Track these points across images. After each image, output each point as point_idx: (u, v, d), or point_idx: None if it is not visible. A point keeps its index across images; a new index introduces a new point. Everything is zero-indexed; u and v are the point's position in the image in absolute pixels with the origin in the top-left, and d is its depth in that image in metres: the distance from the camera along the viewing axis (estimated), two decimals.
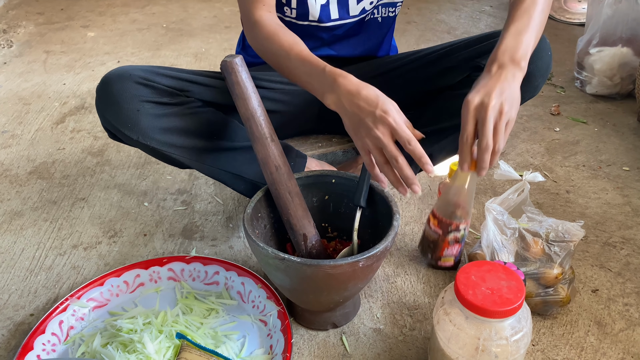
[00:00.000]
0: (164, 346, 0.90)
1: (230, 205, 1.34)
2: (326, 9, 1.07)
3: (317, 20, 1.08)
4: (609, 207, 1.32)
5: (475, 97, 0.83)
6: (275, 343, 0.94)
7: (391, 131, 0.82)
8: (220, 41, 2.41)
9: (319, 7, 1.06)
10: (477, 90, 0.84)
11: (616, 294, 1.07)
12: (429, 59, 1.14)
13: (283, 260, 0.82)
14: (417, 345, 0.97)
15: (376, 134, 0.82)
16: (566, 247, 0.97)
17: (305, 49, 0.94)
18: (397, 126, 0.81)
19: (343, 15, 1.09)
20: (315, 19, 1.08)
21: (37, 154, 1.57)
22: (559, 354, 0.95)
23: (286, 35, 0.96)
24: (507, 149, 1.57)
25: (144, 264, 1.08)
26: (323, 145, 1.30)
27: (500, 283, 0.79)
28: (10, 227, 1.28)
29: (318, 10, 1.07)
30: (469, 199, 0.97)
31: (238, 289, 1.05)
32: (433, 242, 1.03)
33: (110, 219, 1.30)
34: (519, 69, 0.85)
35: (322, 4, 1.07)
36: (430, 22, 2.59)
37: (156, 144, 0.98)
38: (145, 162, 1.52)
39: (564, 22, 2.53)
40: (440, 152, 1.15)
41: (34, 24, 2.63)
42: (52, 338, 0.95)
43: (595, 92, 1.85)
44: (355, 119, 0.85)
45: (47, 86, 1.99)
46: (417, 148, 0.82)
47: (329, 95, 0.88)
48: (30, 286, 1.11)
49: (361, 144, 0.86)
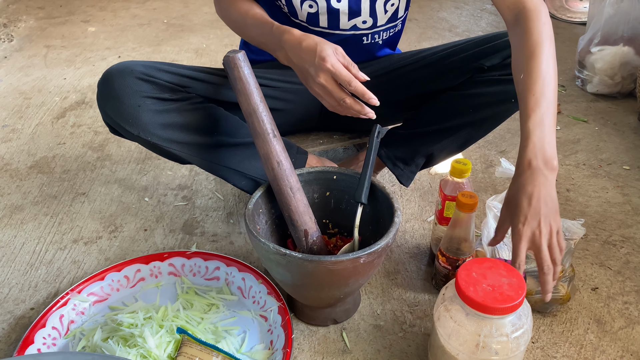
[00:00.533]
0: (165, 341, 0.90)
1: (231, 201, 1.34)
2: (314, 17, 1.05)
3: (306, 22, 1.08)
4: (609, 205, 1.32)
5: (524, 229, 0.77)
6: (275, 338, 0.94)
7: (332, 75, 0.87)
8: (221, 37, 2.41)
9: (305, 13, 1.04)
10: (522, 213, 0.78)
11: (616, 292, 1.07)
12: (431, 60, 1.13)
13: (284, 255, 0.82)
14: (417, 342, 0.97)
15: (319, 81, 0.88)
16: (566, 245, 0.97)
17: (261, 12, 1.00)
18: (336, 70, 0.86)
19: (333, 27, 1.07)
20: (304, 20, 1.07)
21: (37, 148, 1.57)
22: (559, 351, 0.95)
23: (244, 1, 1.02)
24: (508, 147, 1.57)
25: (144, 259, 1.08)
26: (324, 142, 1.30)
27: (501, 280, 0.79)
28: (11, 221, 1.28)
29: (305, 16, 1.05)
30: (471, 231, 0.98)
31: (239, 285, 1.05)
32: (445, 276, 1.04)
33: (111, 213, 1.30)
34: (553, 172, 0.81)
35: (311, 12, 1.04)
36: (432, 20, 2.59)
37: (157, 140, 0.97)
38: (146, 157, 1.52)
39: (566, 21, 2.53)
40: (442, 151, 1.16)
41: (35, 19, 2.63)
42: (52, 332, 0.95)
43: (596, 91, 1.85)
44: (302, 70, 0.91)
45: (48, 81, 1.99)
46: (358, 87, 0.87)
47: (279, 53, 0.95)
48: (30, 280, 1.11)
49: (313, 92, 0.93)
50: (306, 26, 1.08)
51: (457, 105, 1.09)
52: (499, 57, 1.04)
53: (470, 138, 1.13)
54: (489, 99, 1.05)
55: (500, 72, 1.04)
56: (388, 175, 1.41)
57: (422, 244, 1.20)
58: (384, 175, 1.40)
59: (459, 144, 1.14)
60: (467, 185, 1.04)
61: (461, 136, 1.11)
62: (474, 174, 1.44)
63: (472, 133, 1.11)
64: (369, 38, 1.11)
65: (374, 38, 1.11)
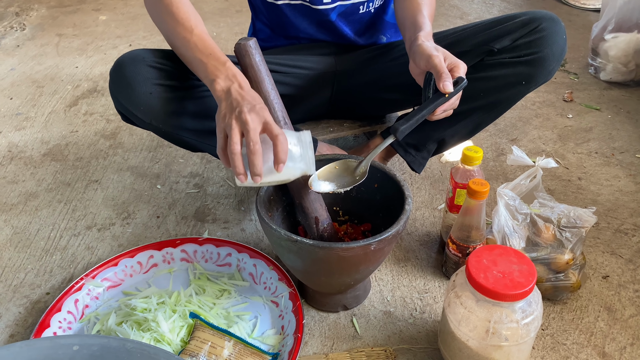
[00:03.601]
0: (178, 325, 0.91)
1: (242, 188, 1.35)
2: None
3: (309, 2, 1.08)
4: (621, 194, 1.31)
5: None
6: (286, 324, 0.95)
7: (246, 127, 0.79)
8: (231, 25, 2.41)
9: None
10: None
11: (627, 280, 1.07)
12: (441, 44, 1.13)
13: (296, 242, 0.83)
14: (427, 328, 0.98)
15: (234, 122, 0.80)
16: (577, 233, 0.97)
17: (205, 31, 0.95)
18: (252, 127, 0.78)
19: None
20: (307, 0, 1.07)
21: (50, 136, 1.59)
22: (569, 338, 0.95)
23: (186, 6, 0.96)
24: (519, 135, 1.56)
25: (157, 245, 1.10)
26: (334, 130, 1.30)
27: (512, 267, 0.79)
28: (26, 207, 1.30)
29: None
30: (481, 219, 0.98)
31: (250, 271, 1.06)
32: (455, 264, 1.04)
33: (124, 200, 1.32)
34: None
35: None
36: (443, 7, 2.56)
37: (168, 127, 0.98)
38: (158, 145, 1.53)
39: (579, 7, 2.49)
40: (453, 136, 1.15)
41: (46, 7, 2.64)
42: (68, 316, 0.97)
43: (610, 79, 1.83)
44: (230, 105, 0.83)
45: (60, 69, 2.00)
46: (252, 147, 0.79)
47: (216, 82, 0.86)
48: (45, 266, 1.13)
49: (219, 126, 0.83)
50: (309, 6, 1.09)
51: (468, 89, 1.09)
52: (508, 39, 1.03)
53: (482, 122, 1.13)
54: (500, 81, 1.05)
55: (511, 54, 1.03)
56: (398, 163, 1.41)
57: (432, 232, 1.20)
58: (394, 163, 1.40)
59: (470, 128, 1.13)
60: (478, 172, 1.04)
61: (472, 120, 1.11)
62: (485, 163, 1.43)
63: (483, 117, 1.11)
64: (364, 7, 1.13)
65: (368, 6, 1.14)
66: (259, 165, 0.78)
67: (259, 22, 1.22)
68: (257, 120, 0.79)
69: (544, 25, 1.02)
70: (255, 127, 0.78)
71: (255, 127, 0.79)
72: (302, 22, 1.15)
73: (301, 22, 1.15)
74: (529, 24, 1.03)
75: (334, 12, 1.12)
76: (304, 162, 0.86)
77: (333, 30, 1.16)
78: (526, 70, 1.03)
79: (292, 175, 0.86)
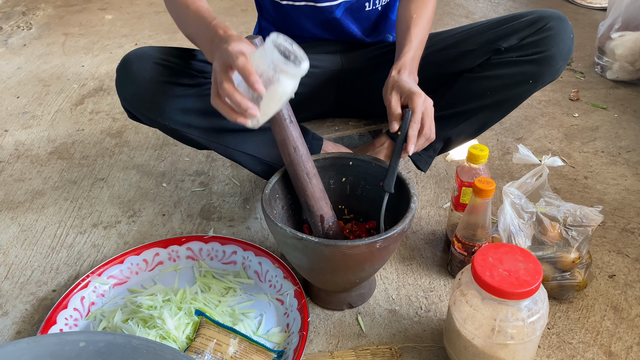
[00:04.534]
0: (183, 322, 0.92)
1: (247, 187, 1.35)
2: None
3: (313, 0, 1.08)
4: (628, 193, 1.31)
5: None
6: (291, 322, 0.95)
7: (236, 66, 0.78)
8: (237, 24, 2.41)
9: None
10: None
11: (633, 279, 1.06)
12: (448, 42, 1.13)
13: (301, 240, 0.83)
14: (432, 327, 0.98)
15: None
16: (584, 232, 0.97)
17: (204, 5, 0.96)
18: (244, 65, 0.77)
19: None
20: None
21: (57, 134, 1.60)
22: (575, 337, 0.95)
23: None
24: (525, 134, 1.55)
25: (163, 243, 1.10)
26: (340, 129, 1.30)
27: (518, 265, 0.79)
28: (32, 205, 1.31)
29: None
30: (487, 217, 0.98)
31: (255, 269, 1.06)
32: (460, 262, 1.04)
33: (129, 199, 1.32)
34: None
35: None
36: (448, 6, 2.56)
37: (175, 125, 0.98)
38: (164, 143, 1.54)
39: (585, 6, 2.48)
40: (460, 135, 1.15)
41: (52, 6, 2.65)
42: (74, 313, 0.97)
43: (616, 78, 1.83)
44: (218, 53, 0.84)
45: (66, 68, 2.01)
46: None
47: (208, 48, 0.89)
48: (52, 263, 1.13)
49: (214, 66, 0.83)
50: (313, 5, 1.09)
51: (474, 87, 1.09)
52: (515, 38, 1.03)
53: (488, 121, 1.12)
54: (507, 80, 1.05)
55: (518, 53, 1.03)
56: (403, 161, 1.41)
57: (437, 231, 1.20)
58: (400, 162, 1.40)
59: (476, 127, 1.13)
60: (484, 171, 1.03)
61: (479, 119, 1.11)
62: (490, 161, 1.43)
63: (490, 116, 1.11)
64: (370, 4, 1.13)
65: (375, 4, 1.14)
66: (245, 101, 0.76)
67: (265, 21, 1.22)
68: (222, 64, 0.78)
69: (552, 24, 1.02)
70: (219, 72, 0.77)
71: (219, 73, 0.78)
72: (307, 23, 1.15)
73: (305, 23, 1.15)
74: (536, 22, 1.03)
75: (339, 8, 1.12)
76: (276, 70, 0.76)
77: (339, 29, 1.16)
78: (533, 69, 1.03)
79: (285, 86, 0.77)
